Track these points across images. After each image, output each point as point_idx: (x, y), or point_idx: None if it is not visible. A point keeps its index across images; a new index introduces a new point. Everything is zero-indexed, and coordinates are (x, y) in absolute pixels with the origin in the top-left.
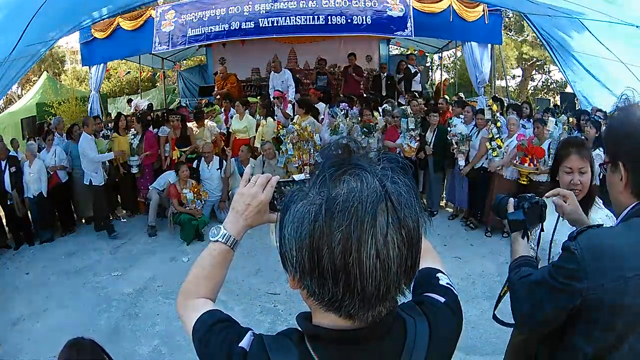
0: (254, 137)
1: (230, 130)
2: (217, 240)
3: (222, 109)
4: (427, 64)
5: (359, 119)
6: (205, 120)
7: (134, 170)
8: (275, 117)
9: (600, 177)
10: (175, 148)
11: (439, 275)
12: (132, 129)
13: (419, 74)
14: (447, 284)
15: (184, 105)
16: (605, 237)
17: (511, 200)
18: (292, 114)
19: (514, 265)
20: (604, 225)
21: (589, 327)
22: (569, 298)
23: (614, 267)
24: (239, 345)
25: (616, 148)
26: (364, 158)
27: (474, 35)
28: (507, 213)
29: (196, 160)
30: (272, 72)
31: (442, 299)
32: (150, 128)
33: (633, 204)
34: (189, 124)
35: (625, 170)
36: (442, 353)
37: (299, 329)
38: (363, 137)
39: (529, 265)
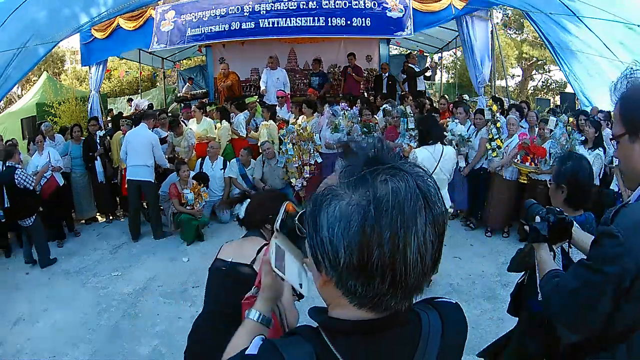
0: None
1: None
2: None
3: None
4: (437, 61)
5: (359, 119)
6: (183, 127)
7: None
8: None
9: (601, 176)
10: None
11: None
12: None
13: (430, 70)
14: None
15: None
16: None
17: (538, 210)
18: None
19: (544, 282)
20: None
21: (637, 301)
22: (618, 285)
23: None
24: (246, 353)
25: (637, 116)
26: (392, 158)
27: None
28: (532, 223)
29: (200, 159)
30: (267, 68)
31: (452, 300)
32: None
33: None
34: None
35: None
36: (454, 345)
37: (310, 325)
38: (363, 136)
39: (559, 277)
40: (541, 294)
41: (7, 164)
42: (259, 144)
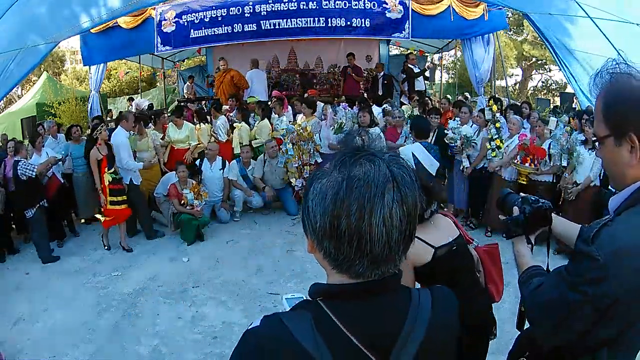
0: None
1: (168, 139)
2: None
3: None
4: (436, 62)
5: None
6: (147, 130)
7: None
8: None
9: (602, 177)
10: (106, 171)
11: None
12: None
13: (427, 71)
14: None
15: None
16: (625, 234)
17: (514, 201)
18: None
19: (523, 279)
20: (614, 219)
21: (614, 319)
22: (596, 306)
23: (635, 267)
24: (249, 328)
25: (623, 117)
26: (375, 147)
27: (478, 30)
28: (507, 217)
29: (199, 160)
30: (253, 69)
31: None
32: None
33: (639, 185)
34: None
35: (639, 141)
36: (444, 324)
37: (309, 299)
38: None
39: (539, 276)
40: (520, 293)
41: (14, 158)
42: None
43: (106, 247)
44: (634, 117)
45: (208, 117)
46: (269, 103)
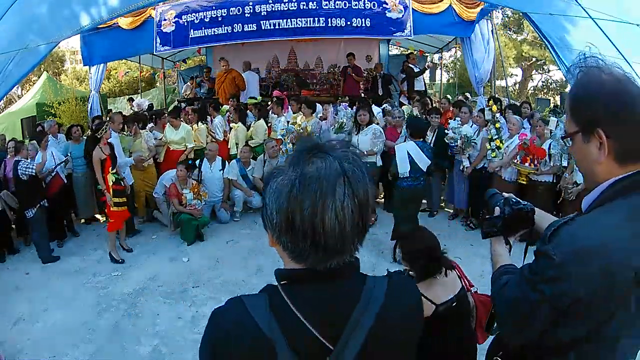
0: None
1: (164, 140)
2: None
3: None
4: (436, 62)
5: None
6: (141, 131)
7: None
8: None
9: None
10: (109, 171)
11: None
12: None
13: (427, 71)
14: None
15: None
16: (585, 234)
17: (497, 201)
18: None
19: (494, 277)
20: (576, 217)
21: (576, 321)
22: (554, 307)
23: (601, 265)
24: (215, 309)
25: (593, 115)
26: (328, 146)
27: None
28: (484, 217)
29: (198, 160)
30: (246, 71)
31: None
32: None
33: (610, 182)
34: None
35: (607, 137)
36: (400, 310)
37: (272, 285)
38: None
39: (508, 274)
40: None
41: (15, 159)
42: (232, 151)
43: (120, 261)
44: (601, 111)
45: (208, 116)
46: (269, 103)
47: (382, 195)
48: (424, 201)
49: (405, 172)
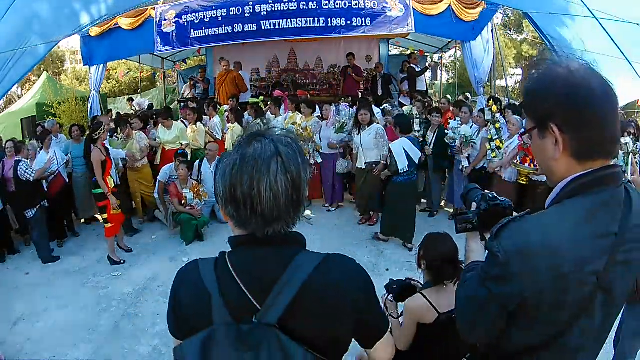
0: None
1: (159, 141)
2: None
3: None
4: (437, 61)
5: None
6: (133, 131)
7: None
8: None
9: None
10: (110, 174)
11: None
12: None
13: (428, 71)
14: None
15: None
16: (533, 232)
17: (475, 197)
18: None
19: (462, 274)
20: (526, 215)
21: (530, 322)
22: (502, 305)
23: (549, 266)
24: (180, 268)
25: (546, 109)
26: (268, 131)
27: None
28: (460, 213)
29: (198, 160)
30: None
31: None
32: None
33: (569, 179)
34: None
35: (562, 133)
36: (331, 284)
37: (224, 251)
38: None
39: (472, 271)
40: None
41: (15, 159)
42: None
43: (121, 262)
44: (551, 106)
45: (205, 117)
46: (269, 104)
47: None
48: (423, 201)
49: (405, 167)
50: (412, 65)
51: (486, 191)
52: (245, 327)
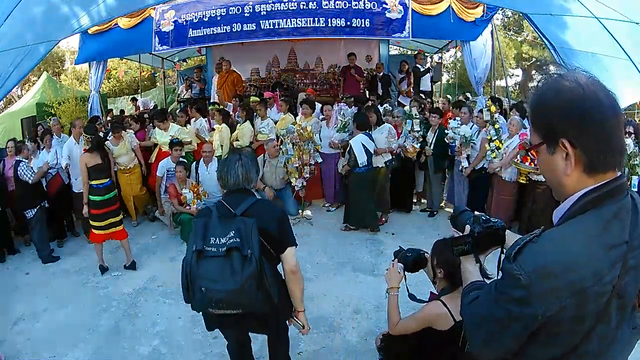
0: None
1: (154, 141)
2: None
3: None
4: (438, 61)
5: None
6: (123, 132)
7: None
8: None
9: None
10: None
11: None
12: (131, 131)
13: (431, 71)
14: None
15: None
16: (551, 252)
17: (467, 219)
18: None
19: (464, 293)
20: (542, 233)
21: (549, 339)
22: (524, 324)
23: (570, 283)
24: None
25: (557, 125)
26: (240, 150)
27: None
28: (456, 237)
29: (195, 162)
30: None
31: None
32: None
33: (580, 194)
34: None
35: (573, 147)
36: (261, 210)
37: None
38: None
39: (477, 290)
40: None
41: (15, 158)
42: (216, 153)
43: (106, 268)
44: (562, 121)
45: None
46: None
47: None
48: (423, 201)
49: (365, 161)
50: (417, 65)
51: (476, 213)
52: (226, 217)
